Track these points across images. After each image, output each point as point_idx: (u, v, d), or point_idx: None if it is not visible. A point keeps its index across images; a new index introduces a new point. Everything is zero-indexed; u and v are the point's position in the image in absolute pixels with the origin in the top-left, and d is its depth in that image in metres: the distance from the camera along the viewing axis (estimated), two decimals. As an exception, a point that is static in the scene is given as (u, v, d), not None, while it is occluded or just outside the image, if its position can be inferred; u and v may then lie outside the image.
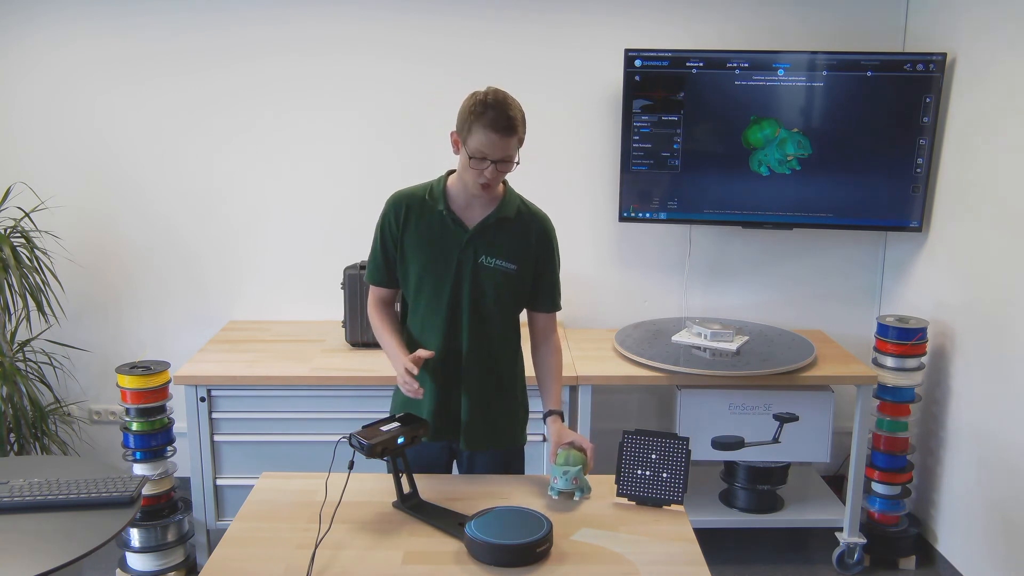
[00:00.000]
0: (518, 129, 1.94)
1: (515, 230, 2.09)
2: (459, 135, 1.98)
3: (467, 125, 1.94)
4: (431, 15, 3.28)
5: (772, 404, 2.96)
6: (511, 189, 2.14)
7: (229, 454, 2.97)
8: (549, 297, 2.19)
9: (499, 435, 2.20)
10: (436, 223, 2.07)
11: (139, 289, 3.49)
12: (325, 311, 3.46)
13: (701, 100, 3.18)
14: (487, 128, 1.90)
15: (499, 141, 1.91)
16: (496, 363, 2.16)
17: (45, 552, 1.79)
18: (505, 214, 2.08)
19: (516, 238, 2.09)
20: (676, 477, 1.95)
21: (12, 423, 3.10)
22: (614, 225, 3.41)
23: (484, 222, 2.06)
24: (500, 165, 1.95)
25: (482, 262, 2.07)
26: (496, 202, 2.08)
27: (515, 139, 1.94)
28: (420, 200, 2.09)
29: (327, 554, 1.73)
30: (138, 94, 3.33)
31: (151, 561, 2.94)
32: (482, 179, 1.96)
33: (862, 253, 3.50)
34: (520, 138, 1.97)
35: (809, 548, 3.29)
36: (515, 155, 1.97)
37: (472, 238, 2.06)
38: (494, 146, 1.92)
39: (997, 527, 2.80)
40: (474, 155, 1.94)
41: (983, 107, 2.88)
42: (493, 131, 1.90)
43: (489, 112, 1.90)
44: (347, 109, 3.35)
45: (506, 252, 2.08)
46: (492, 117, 1.90)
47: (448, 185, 2.09)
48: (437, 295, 2.09)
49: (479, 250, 2.07)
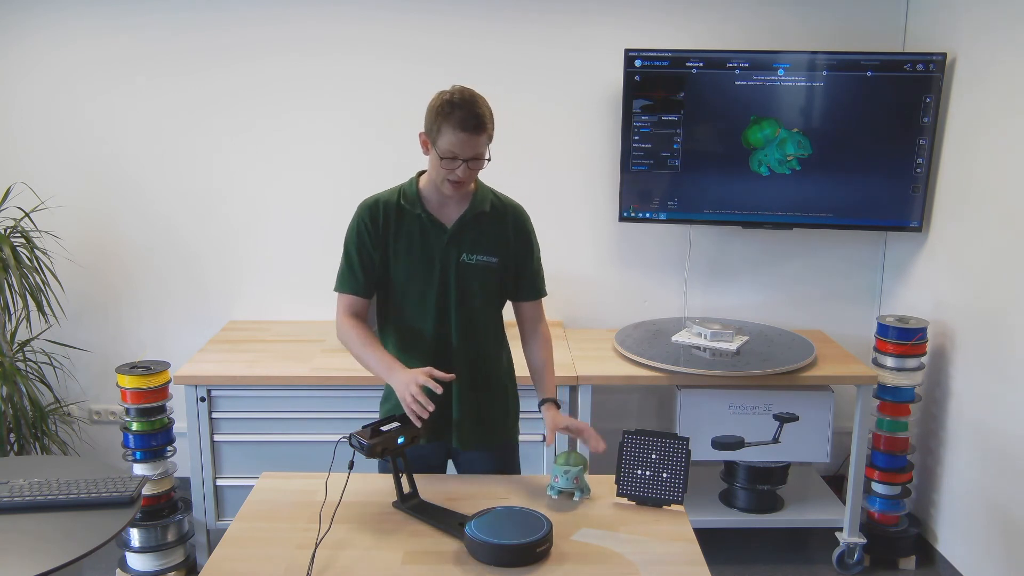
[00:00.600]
0: (487, 126, 1.94)
1: (492, 223, 2.10)
2: (428, 136, 1.99)
3: (436, 125, 1.94)
4: (431, 15, 3.28)
5: (772, 404, 2.96)
6: (481, 183, 2.14)
7: (229, 454, 2.97)
8: (531, 284, 2.18)
9: (492, 432, 2.20)
10: (415, 227, 2.07)
11: (139, 289, 3.49)
12: (325, 311, 3.46)
13: (701, 100, 3.18)
14: (456, 128, 1.91)
15: (468, 140, 1.92)
16: (485, 360, 2.17)
17: (45, 552, 1.79)
18: (480, 209, 2.08)
19: (494, 231, 2.10)
20: (676, 477, 1.95)
21: (12, 423, 3.10)
22: (614, 225, 3.41)
23: (461, 219, 2.07)
24: (471, 163, 1.96)
25: (464, 259, 2.07)
26: (469, 198, 2.09)
27: (484, 136, 1.95)
28: (395, 205, 2.08)
29: (327, 554, 1.73)
30: (138, 94, 3.33)
31: (151, 561, 2.94)
32: (453, 177, 1.97)
33: (862, 253, 3.50)
34: (489, 135, 1.97)
35: (809, 548, 3.29)
36: (485, 152, 1.98)
37: (452, 237, 2.07)
38: (464, 145, 1.92)
39: (997, 527, 2.80)
40: (444, 155, 1.94)
41: (983, 107, 2.88)
42: (462, 130, 1.90)
43: (457, 112, 1.91)
44: (347, 109, 3.35)
45: (486, 246, 2.09)
46: (460, 116, 1.90)
47: (420, 187, 2.09)
48: (423, 298, 2.08)
49: (460, 248, 2.07)
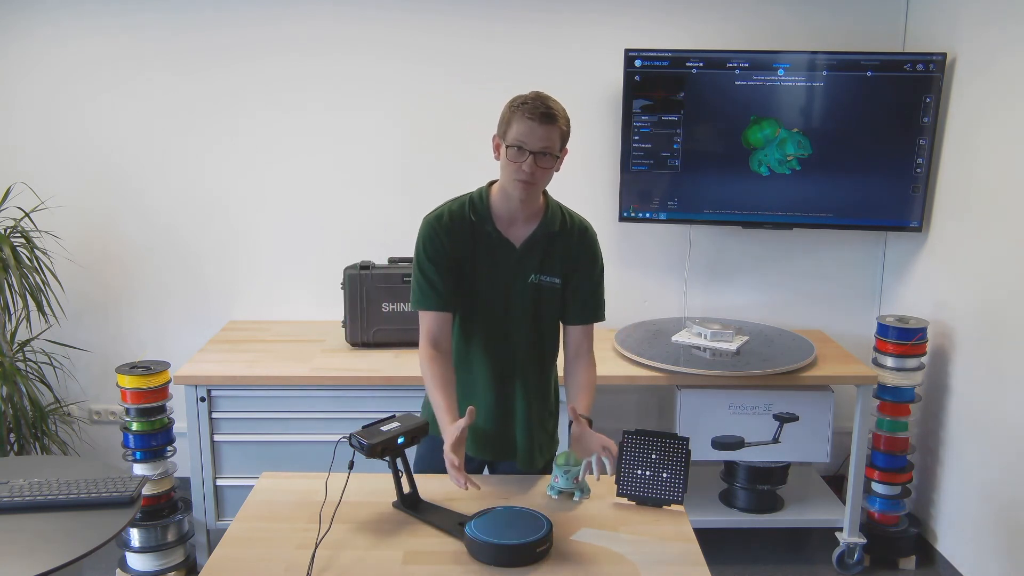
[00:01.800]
0: (557, 119, 1.88)
1: (562, 244, 2.04)
2: (499, 135, 1.94)
3: (506, 120, 1.91)
4: (431, 15, 3.28)
5: (772, 404, 2.95)
6: (552, 200, 2.07)
7: (229, 454, 2.97)
8: (588, 306, 2.09)
9: (545, 453, 2.20)
10: (484, 243, 2.01)
11: (139, 289, 3.49)
12: (325, 311, 3.46)
13: (701, 100, 3.18)
14: (525, 116, 1.86)
15: (538, 128, 1.86)
16: (547, 383, 2.16)
17: (45, 552, 1.79)
18: (551, 229, 2.02)
19: (561, 251, 2.04)
20: (676, 477, 1.95)
21: (12, 423, 3.10)
22: (614, 225, 3.41)
23: (531, 239, 2.01)
24: (539, 159, 1.88)
25: (532, 280, 2.03)
26: (539, 216, 2.02)
27: (555, 129, 1.88)
28: (463, 218, 2.00)
29: (327, 554, 1.73)
30: (139, 94, 3.33)
31: (151, 561, 2.94)
32: (522, 176, 1.89)
33: (862, 253, 3.50)
34: (562, 133, 1.91)
35: (809, 548, 3.29)
36: (556, 149, 1.90)
37: (520, 257, 2.02)
38: (533, 134, 1.86)
39: (997, 527, 2.80)
40: (512, 144, 1.88)
41: (983, 107, 2.88)
42: (531, 118, 1.86)
43: (528, 103, 1.88)
44: (347, 109, 3.35)
45: (552, 267, 2.04)
46: (531, 106, 1.87)
47: (493, 200, 2.01)
48: (490, 319, 2.05)
49: (528, 268, 2.02)
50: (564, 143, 1.94)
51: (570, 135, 1.96)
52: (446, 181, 2.14)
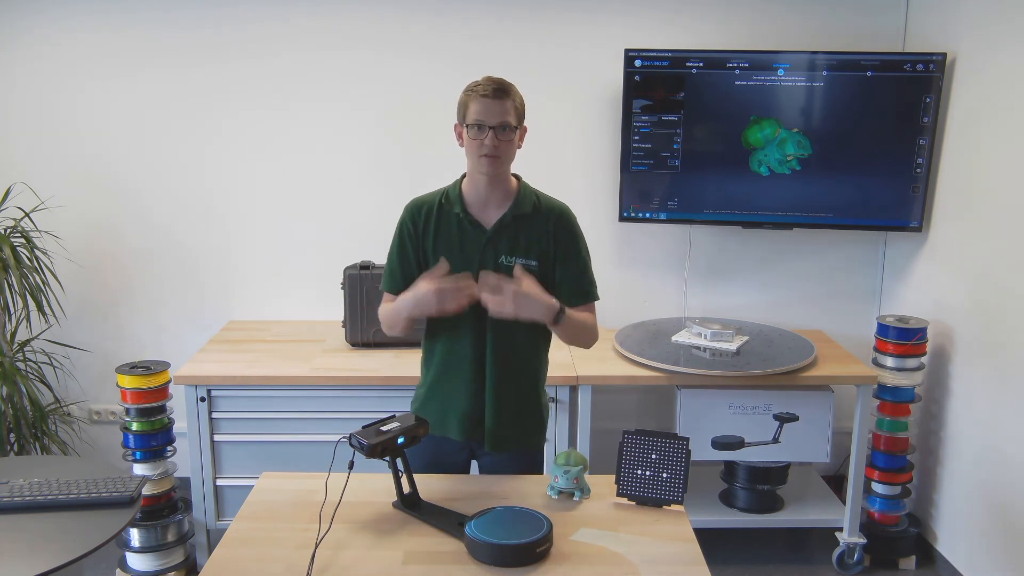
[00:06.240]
0: (510, 92, 1.99)
1: (533, 225, 2.08)
2: (459, 121, 2.04)
3: (464, 104, 2.01)
4: (431, 14, 3.28)
5: (772, 404, 2.95)
6: (525, 184, 2.13)
7: (229, 454, 2.97)
8: (576, 287, 2.12)
9: (522, 437, 2.20)
10: (455, 227, 2.08)
11: (139, 289, 3.49)
12: (325, 311, 3.46)
13: (701, 100, 3.18)
14: (479, 95, 1.97)
15: (493, 104, 1.96)
16: (522, 364, 2.16)
17: (45, 552, 1.79)
18: (521, 211, 2.07)
19: (535, 234, 2.08)
20: (676, 477, 1.95)
21: (12, 423, 3.10)
22: (614, 225, 3.41)
23: (501, 221, 2.06)
24: (500, 133, 1.97)
25: (502, 262, 2.06)
26: (511, 199, 2.08)
27: (509, 102, 1.98)
28: (437, 205, 2.09)
29: (327, 554, 1.73)
30: (138, 94, 3.33)
31: (151, 561, 2.94)
32: (484, 150, 1.98)
33: (862, 253, 3.50)
34: (517, 106, 2.01)
35: (809, 548, 3.29)
36: (513, 122, 1.99)
37: (491, 238, 2.06)
38: (489, 110, 1.96)
39: (997, 527, 2.80)
40: (472, 123, 1.98)
41: (983, 107, 2.88)
42: (484, 95, 1.97)
43: (481, 84, 1.99)
44: (346, 108, 3.35)
45: (525, 249, 2.07)
46: (483, 86, 1.98)
47: (463, 188, 2.10)
48: None
49: (499, 250, 2.07)
50: (521, 119, 2.04)
51: (525, 113, 2.06)
52: (447, 180, 2.14)
